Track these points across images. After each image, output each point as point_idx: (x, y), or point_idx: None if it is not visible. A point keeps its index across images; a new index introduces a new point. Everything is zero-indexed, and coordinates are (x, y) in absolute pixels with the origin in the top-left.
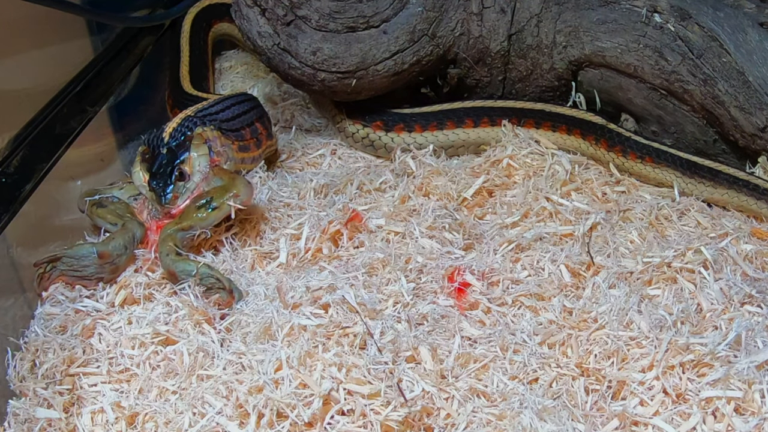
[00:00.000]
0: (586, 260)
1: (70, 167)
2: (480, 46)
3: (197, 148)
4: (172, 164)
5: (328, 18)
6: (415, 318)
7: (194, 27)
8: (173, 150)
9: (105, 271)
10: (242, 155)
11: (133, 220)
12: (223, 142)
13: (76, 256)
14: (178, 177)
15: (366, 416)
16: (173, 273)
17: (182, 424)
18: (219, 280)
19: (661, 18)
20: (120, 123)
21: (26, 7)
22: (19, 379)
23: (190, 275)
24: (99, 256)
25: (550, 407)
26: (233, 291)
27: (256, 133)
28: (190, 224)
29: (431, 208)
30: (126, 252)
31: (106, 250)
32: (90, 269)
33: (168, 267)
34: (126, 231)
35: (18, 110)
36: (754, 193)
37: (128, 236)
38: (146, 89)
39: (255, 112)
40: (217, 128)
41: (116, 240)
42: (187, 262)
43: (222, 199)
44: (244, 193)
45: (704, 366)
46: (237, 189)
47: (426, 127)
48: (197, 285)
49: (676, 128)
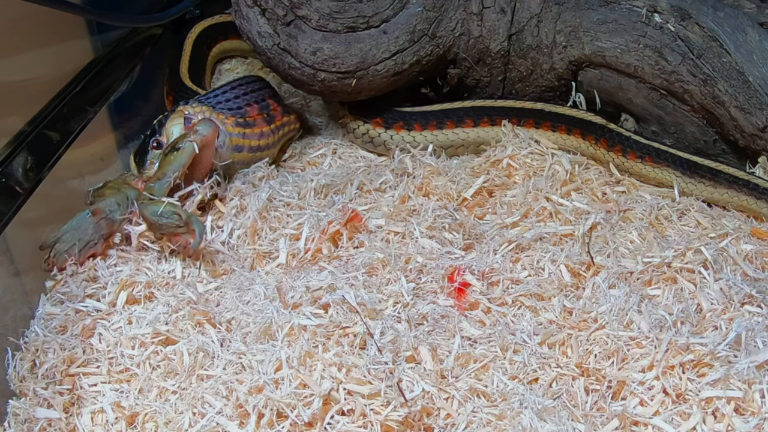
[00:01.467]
0: (586, 260)
1: (70, 167)
2: (480, 46)
3: (172, 121)
4: (150, 139)
5: (328, 18)
6: (415, 318)
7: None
8: (154, 128)
9: (102, 228)
10: (242, 130)
11: (128, 186)
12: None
13: (73, 227)
14: (154, 146)
15: (366, 416)
16: (146, 218)
17: (182, 424)
18: (179, 216)
19: (661, 18)
20: (120, 123)
21: (26, 7)
22: (19, 379)
23: (156, 214)
24: (93, 214)
25: (550, 407)
26: (192, 224)
27: (266, 109)
28: (162, 171)
29: (431, 208)
30: (119, 208)
31: (98, 207)
32: (89, 232)
33: (142, 212)
34: (119, 192)
35: (18, 110)
36: (754, 193)
37: (120, 196)
38: (146, 89)
39: (265, 91)
40: (209, 106)
41: (107, 199)
42: (154, 204)
43: (184, 138)
44: (204, 128)
45: (704, 366)
46: (197, 126)
47: (426, 126)
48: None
49: (676, 128)
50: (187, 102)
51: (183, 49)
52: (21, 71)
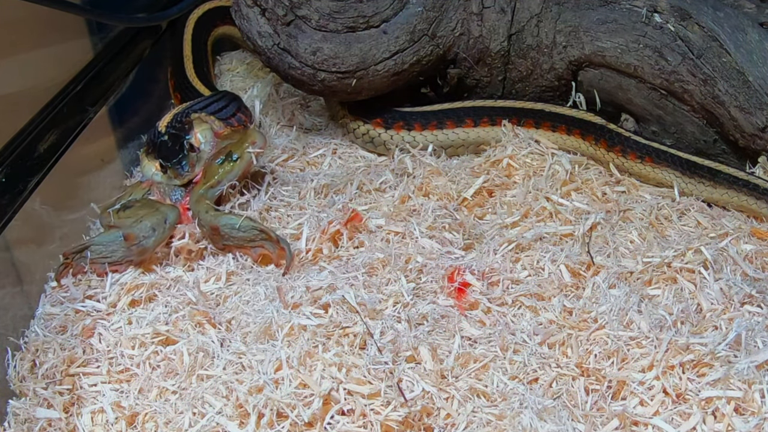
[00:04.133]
0: (586, 260)
1: (70, 167)
2: (480, 46)
3: (200, 125)
4: (179, 143)
5: (328, 18)
6: (415, 318)
7: (197, 26)
8: (175, 134)
9: (132, 253)
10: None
11: (165, 204)
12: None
13: (103, 243)
14: (189, 149)
15: (366, 416)
16: (216, 228)
17: (182, 424)
18: (263, 231)
19: (661, 18)
20: (120, 123)
21: (26, 7)
22: (19, 379)
23: (234, 227)
24: (125, 239)
25: (550, 407)
26: (280, 241)
27: (241, 121)
28: (217, 179)
29: (431, 208)
30: (154, 234)
31: (132, 232)
32: (118, 253)
33: (210, 223)
34: (156, 213)
35: (18, 110)
36: (754, 193)
37: (157, 218)
38: (146, 89)
39: (235, 103)
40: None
41: (143, 222)
42: (229, 216)
43: (241, 148)
44: (260, 141)
45: (704, 366)
46: (252, 138)
47: (426, 126)
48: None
49: (676, 128)
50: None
51: (184, 39)
52: (21, 71)
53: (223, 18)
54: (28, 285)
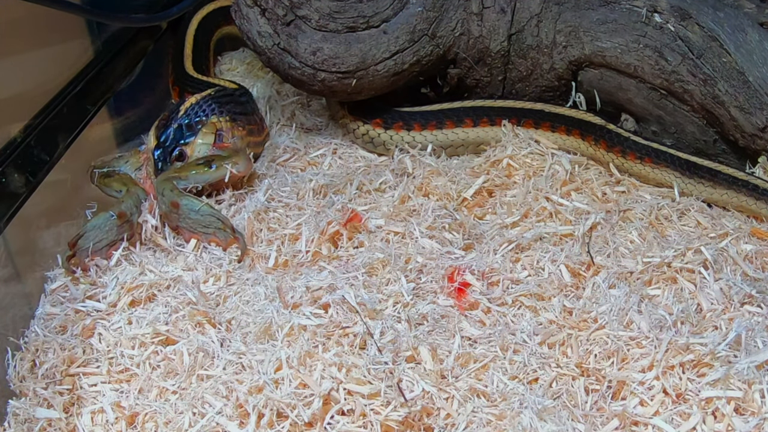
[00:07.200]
0: (586, 260)
1: (70, 167)
2: (480, 46)
3: (204, 136)
4: (176, 142)
5: (328, 18)
6: (415, 318)
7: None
8: (183, 129)
9: (125, 230)
10: (250, 139)
11: (136, 186)
12: (234, 132)
13: (98, 226)
14: (177, 156)
15: (366, 416)
16: (177, 204)
17: (182, 424)
18: (220, 220)
19: (661, 18)
20: (120, 122)
21: (26, 7)
22: (19, 379)
23: (193, 209)
24: (118, 217)
25: (550, 407)
26: (235, 232)
27: (259, 118)
28: (186, 174)
29: (431, 208)
30: (136, 211)
31: (122, 210)
32: (113, 233)
33: (172, 199)
34: (131, 194)
35: (18, 110)
36: (753, 193)
37: (135, 198)
38: (146, 88)
39: (253, 102)
40: (230, 119)
41: (127, 201)
42: (190, 199)
43: (222, 162)
44: (243, 165)
45: (704, 366)
46: (238, 159)
47: (425, 126)
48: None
49: (676, 128)
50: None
51: (186, 38)
52: (21, 71)
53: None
54: (28, 285)
